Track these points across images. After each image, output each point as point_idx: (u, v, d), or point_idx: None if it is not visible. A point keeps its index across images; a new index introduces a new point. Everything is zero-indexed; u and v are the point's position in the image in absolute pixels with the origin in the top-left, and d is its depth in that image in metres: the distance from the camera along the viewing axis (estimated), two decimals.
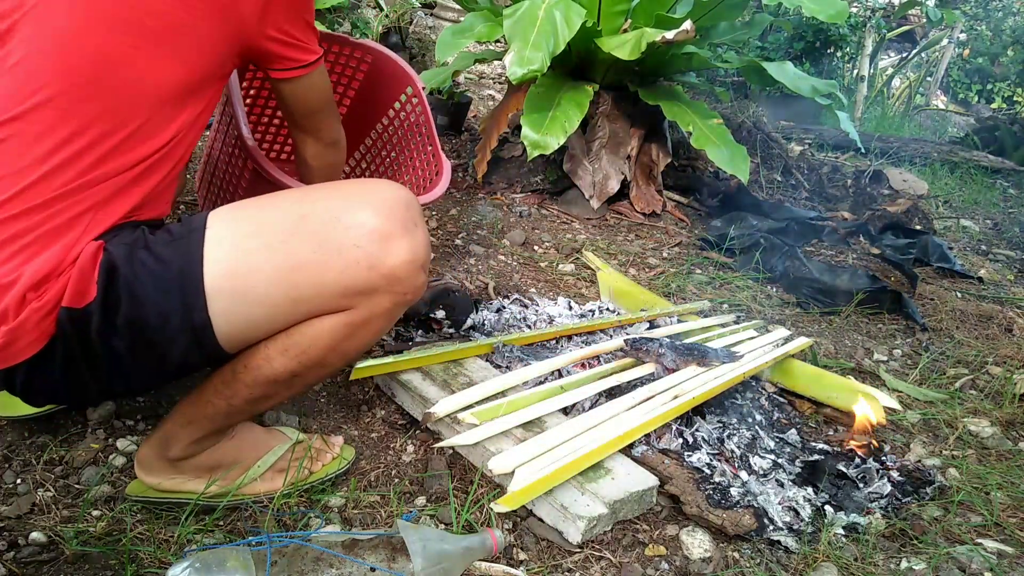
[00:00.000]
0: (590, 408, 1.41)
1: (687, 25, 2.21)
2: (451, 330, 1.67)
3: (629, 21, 2.61)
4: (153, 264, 0.89)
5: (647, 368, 1.55)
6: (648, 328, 1.85)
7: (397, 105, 1.77)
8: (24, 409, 1.21)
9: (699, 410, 1.51)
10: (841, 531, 1.27)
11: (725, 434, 1.46)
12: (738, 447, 1.43)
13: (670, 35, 2.22)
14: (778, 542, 1.22)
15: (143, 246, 0.90)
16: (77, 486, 1.13)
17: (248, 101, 1.83)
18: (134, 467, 1.11)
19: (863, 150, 4.18)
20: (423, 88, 1.71)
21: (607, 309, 1.95)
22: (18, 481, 1.12)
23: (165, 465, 1.08)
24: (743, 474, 1.35)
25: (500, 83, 4.37)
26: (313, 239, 0.91)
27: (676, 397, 1.43)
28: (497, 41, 3.19)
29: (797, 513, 1.29)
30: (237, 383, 0.99)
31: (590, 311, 1.92)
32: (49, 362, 0.87)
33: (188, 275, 0.88)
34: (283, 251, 0.90)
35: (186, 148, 0.99)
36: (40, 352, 0.86)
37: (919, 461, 1.54)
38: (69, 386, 0.91)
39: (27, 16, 0.88)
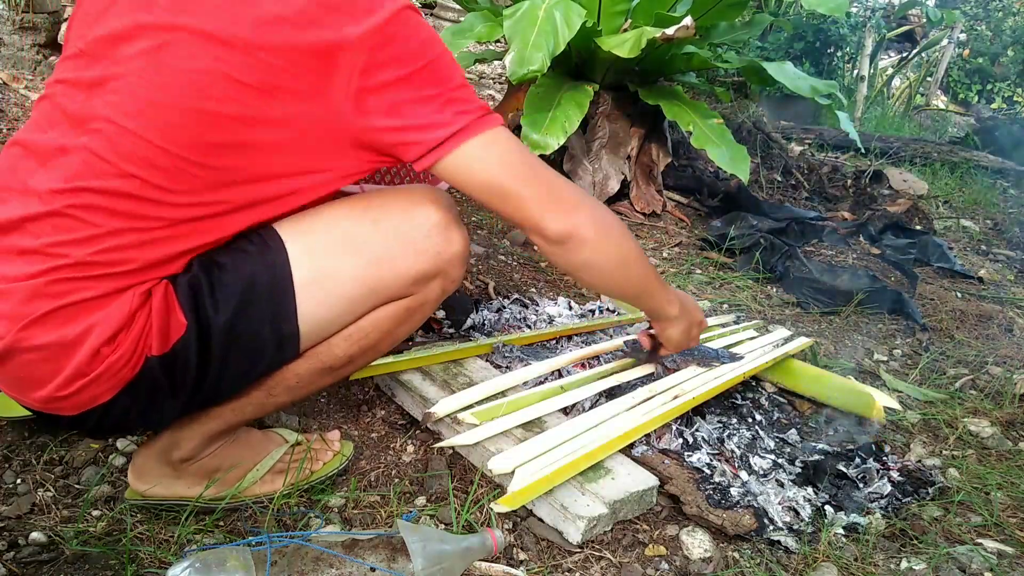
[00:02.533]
0: (590, 408, 1.41)
1: (687, 21, 2.21)
2: (451, 330, 1.67)
3: (629, 21, 2.61)
4: (237, 284, 0.91)
5: (647, 368, 1.55)
6: (648, 328, 1.85)
7: None
8: (24, 410, 1.21)
9: (699, 410, 1.51)
10: (841, 531, 1.27)
11: (725, 434, 1.46)
12: (738, 447, 1.43)
13: (671, 31, 2.21)
14: (778, 542, 1.22)
15: (216, 270, 0.91)
16: (77, 486, 1.13)
17: None
18: (128, 476, 1.09)
19: (863, 150, 4.18)
20: None
21: (607, 309, 1.95)
22: (18, 481, 1.12)
23: (165, 469, 1.07)
24: (743, 474, 1.35)
25: (500, 83, 4.36)
26: (389, 235, 0.98)
27: (676, 397, 1.43)
28: (497, 41, 3.20)
29: (797, 513, 1.29)
30: (286, 372, 1.02)
31: (590, 311, 1.92)
32: (127, 403, 0.90)
33: (278, 286, 0.93)
34: (363, 249, 0.97)
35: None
36: (116, 396, 0.88)
37: (919, 461, 1.54)
38: (146, 417, 0.95)
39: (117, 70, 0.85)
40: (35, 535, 1.01)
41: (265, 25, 0.82)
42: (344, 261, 0.97)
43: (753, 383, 1.71)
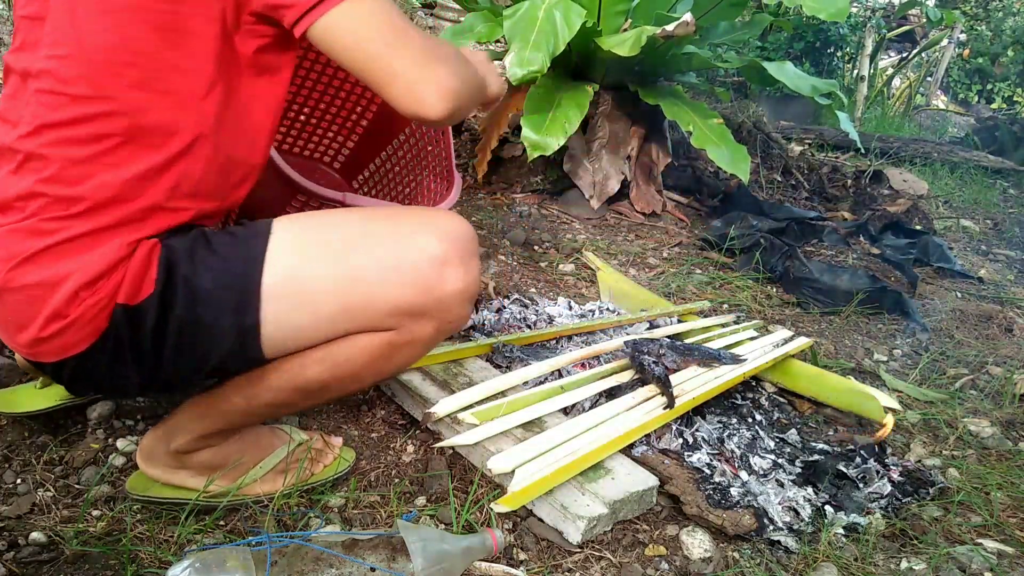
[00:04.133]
0: (590, 408, 1.41)
1: (687, 17, 2.21)
2: None
3: (629, 21, 2.61)
4: (214, 262, 0.90)
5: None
6: (648, 328, 1.85)
7: None
8: (25, 406, 1.21)
9: (699, 410, 1.51)
10: (841, 531, 1.27)
11: (725, 434, 1.46)
12: (738, 447, 1.43)
13: (671, 28, 2.21)
14: (778, 542, 1.22)
15: (204, 245, 0.91)
16: (77, 486, 1.13)
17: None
18: (136, 458, 1.11)
19: (863, 150, 4.18)
20: None
21: (607, 309, 1.95)
22: (18, 481, 1.12)
23: (167, 457, 1.08)
24: (743, 474, 1.35)
25: None
26: (375, 255, 0.93)
27: (676, 397, 1.43)
28: (497, 41, 3.19)
29: (797, 513, 1.29)
30: (264, 384, 1.00)
31: (590, 311, 1.92)
32: (98, 355, 0.89)
33: (248, 275, 0.90)
34: (344, 263, 0.93)
35: (232, 131, 0.95)
36: (91, 346, 0.88)
37: (919, 461, 1.54)
38: (113, 379, 0.94)
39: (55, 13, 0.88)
40: (35, 535, 1.01)
41: None
42: (320, 267, 0.93)
43: (753, 383, 1.71)
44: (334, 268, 0.93)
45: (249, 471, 1.13)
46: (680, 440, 1.41)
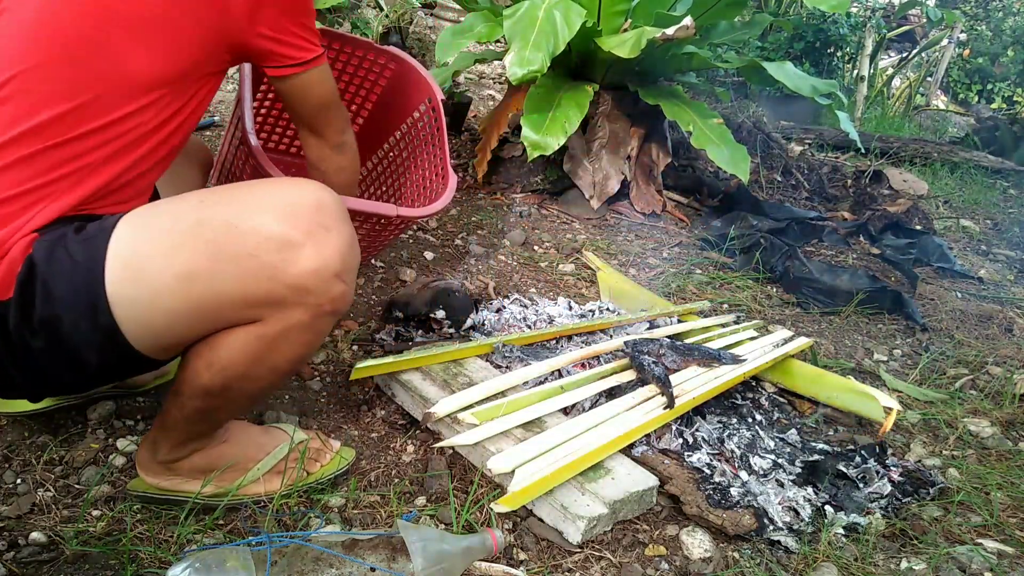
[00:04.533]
0: (590, 408, 1.41)
1: (687, 21, 2.21)
2: (451, 330, 1.67)
3: (629, 21, 2.61)
4: (67, 262, 0.86)
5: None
6: (648, 328, 1.85)
7: (416, 114, 1.76)
8: (23, 406, 1.21)
9: (699, 410, 1.51)
10: (841, 531, 1.27)
11: (725, 434, 1.46)
12: (738, 447, 1.43)
13: (670, 31, 2.21)
14: (778, 542, 1.22)
15: (63, 243, 0.86)
16: (77, 486, 1.13)
17: (266, 98, 1.83)
18: (135, 467, 1.11)
19: (863, 150, 4.18)
20: (442, 100, 1.70)
21: (607, 309, 1.95)
22: (18, 481, 1.12)
23: (159, 467, 1.08)
24: (743, 474, 1.35)
25: (500, 83, 4.37)
26: (208, 247, 0.86)
27: (676, 397, 1.43)
28: (497, 41, 3.19)
29: (797, 513, 1.29)
30: (181, 394, 0.98)
31: (590, 311, 1.92)
32: None
33: (92, 275, 0.85)
34: (178, 258, 0.86)
35: (160, 143, 0.96)
36: None
37: (919, 461, 1.54)
38: (2, 378, 0.90)
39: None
40: (35, 535, 1.01)
41: None
42: (158, 263, 0.86)
43: (753, 383, 1.71)
44: (169, 264, 0.86)
45: (247, 472, 1.13)
46: (680, 440, 1.41)
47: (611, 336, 1.77)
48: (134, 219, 0.90)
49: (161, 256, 0.86)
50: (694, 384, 1.50)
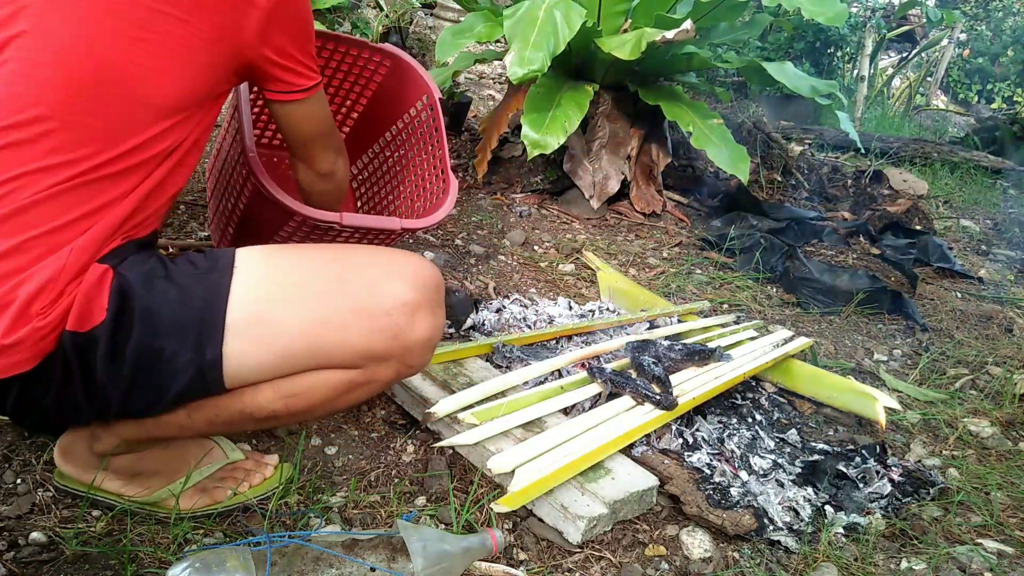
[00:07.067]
0: (590, 408, 1.41)
1: (687, 25, 2.21)
2: (451, 330, 1.67)
3: (629, 21, 2.61)
4: (175, 294, 0.88)
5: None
6: (648, 328, 1.85)
7: (413, 111, 1.73)
8: None
9: (699, 410, 1.51)
10: (841, 531, 1.27)
11: (725, 434, 1.46)
12: (738, 447, 1.43)
13: (670, 34, 2.22)
14: (778, 542, 1.22)
15: (163, 275, 0.89)
16: None
17: (259, 98, 1.82)
18: (54, 454, 1.07)
19: (863, 150, 4.18)
20: (440, 99, 1.67)
21: (607, 309, 1.95)
22: (18, 481, 1.12)
23: (88, 456, 1.05)
24: (743, 474, 1.35)
25: (500, 83, 4.37)
26: (348, 300, 0.94)
27: (676, 397, 1.43)
28: (497, 41, 3.19)
29: (797, 513, 1.29)
30: (207, 404, 0.96)
31: (590, 311, 1.92)
32: (45, 382, 0.86)
33: (211, 310, 0.89)
34: (315, 307, 0.93)
35: (178, 164, 0.97)
36: (35, 371, 0.85)
37: (919, 461, 1.54)
38: (61, 407, 0.90)
39: (27, 23, 0.87)
40: (35, 535, 1.01)
41: None
42: (291, 310, 0.92)
43: (753, 383, 1.71)
44: (304, 312, 0.92)
45: (171, 482, 1.09)
46: (680, 440, 1.41)
47: (611, 336, 1.77)
48: (258, 259, 0.95)
49: (298, 304, 0.93)
50: (694, 384, 1.50)
